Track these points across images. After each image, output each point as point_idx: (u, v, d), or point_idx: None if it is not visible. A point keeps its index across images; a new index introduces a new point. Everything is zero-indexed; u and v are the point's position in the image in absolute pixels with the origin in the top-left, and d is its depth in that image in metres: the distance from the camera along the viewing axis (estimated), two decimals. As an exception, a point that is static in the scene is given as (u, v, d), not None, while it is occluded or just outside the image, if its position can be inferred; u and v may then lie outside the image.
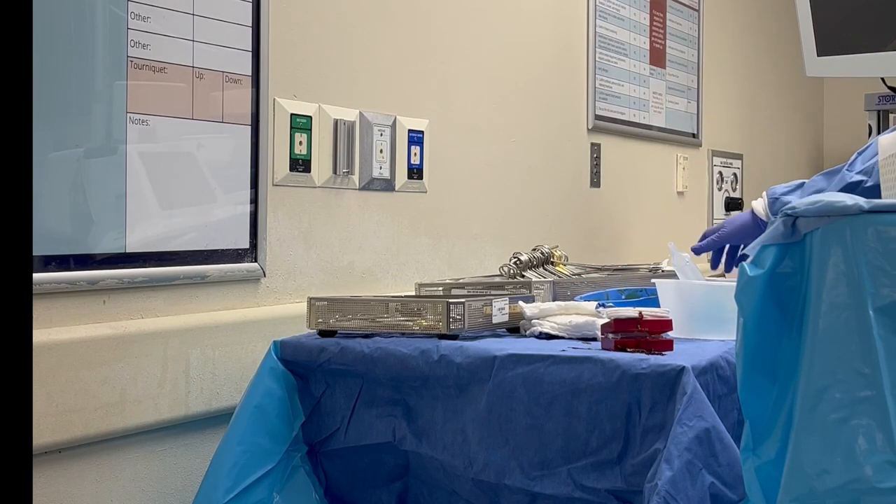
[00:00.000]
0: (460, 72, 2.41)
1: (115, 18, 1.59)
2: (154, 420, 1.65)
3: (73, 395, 1.52)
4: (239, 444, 1.62)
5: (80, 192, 1.55)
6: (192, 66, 1.72)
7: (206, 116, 1.75)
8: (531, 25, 2.69)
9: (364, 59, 2.12)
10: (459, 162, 2.41)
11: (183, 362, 1.69)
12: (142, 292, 1.66)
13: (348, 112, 2.06)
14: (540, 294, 1.91)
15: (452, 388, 1.56)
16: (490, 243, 2.50)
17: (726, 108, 3.84)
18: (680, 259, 1.83)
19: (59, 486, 1.54)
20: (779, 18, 4.21)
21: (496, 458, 1.51)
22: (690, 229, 3.63)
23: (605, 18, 3.03)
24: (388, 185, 2.17)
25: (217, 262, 1.77)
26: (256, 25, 1.84)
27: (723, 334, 1.60)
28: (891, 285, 0.92)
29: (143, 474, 1.67)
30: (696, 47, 3.64)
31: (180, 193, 1.71)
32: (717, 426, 1.37)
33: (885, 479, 0.89)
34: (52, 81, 1.51)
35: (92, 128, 1.57)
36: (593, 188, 3.00)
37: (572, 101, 2.90)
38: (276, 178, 1.90)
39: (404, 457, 1.66)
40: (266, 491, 1.62)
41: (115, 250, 1.60)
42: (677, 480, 1.32)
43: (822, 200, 0.97)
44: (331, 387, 1.67)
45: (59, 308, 1.54)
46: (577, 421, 1.45)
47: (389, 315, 1.71)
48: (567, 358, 1.48)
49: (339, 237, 2.05)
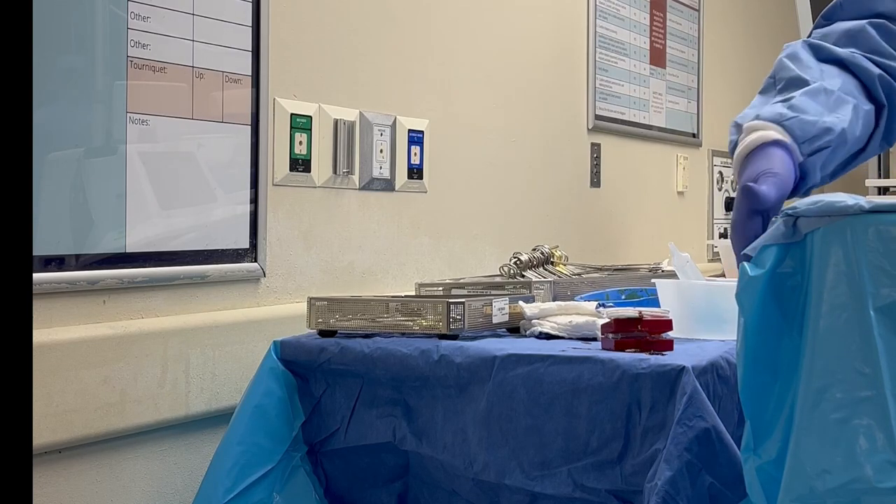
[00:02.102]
0: (460, 72, 2.41)
1: (115, 18, 1.59)
2: (154, 420, 1.65)
3: (73, 395, 1.52)
4: (239, 444, 1.62)
5: (80, 192, 1.55)
6: (192, 66, 1.72)
7: (206, 116, 1.75)
8: (531, 25, 2.69)
9: (364, 59, 2.12)
10: (459, 162, 2.41)
11: (183, 362, 1.69)
12: (142, 292, 1.66)
13: (348, 112, 2.06)
14: (540, 294, 1.91)
15: (452, 388, 1.56)
16: (490, 243, 2.50)
17: (726, 108, 3.84)
18: (680, 259, 1.82)
19: (59, 486, 1.54)
20: (779, 18, 4.21)
21: (496, 458, 1.51)
22: (690, 229, 3.63)
23: (605, 18, 3.03)
24: (388, 185, 2.17)
25: (217, 262, 1.77)
26: (256, 25, 1.84)
27: (723, 334, 1.60)
28: (891, 285, 0.92)
29: (143, 474, 1.67)
30: (696, 47, 3.64)
31: (180, 193, 1.71)
32: (717, 426, 1.37)
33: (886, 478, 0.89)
34: (53, 81, 1.51)
35: (92, 128, 1.57)
36: (593, 188, 3.00)
37: (572, 101, 2.90)
38: (276, 177, 1.90)
39: (404, 457, 1.66)
40: (266, 491, 1.62)
41: (115, 250, 1.60)
42: (677, 480, 1.32)
43: (823, 200, 0.97)
44: (331, 387, 1.67)
45: (59, 308, 1.54)
46: (577, 421, 1.45)
47: (389, 315, 1.71)
48: (567, 358, 1.48)
49: (339, 237, 2.05)
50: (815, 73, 1.28)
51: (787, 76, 1.29)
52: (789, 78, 1.28)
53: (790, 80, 1.28)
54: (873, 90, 1.31)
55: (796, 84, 1.27)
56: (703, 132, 3.67)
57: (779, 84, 1.30)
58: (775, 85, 1.29)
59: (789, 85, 1.28)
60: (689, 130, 3.58)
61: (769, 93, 1.30)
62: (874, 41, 1.33)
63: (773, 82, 1.31)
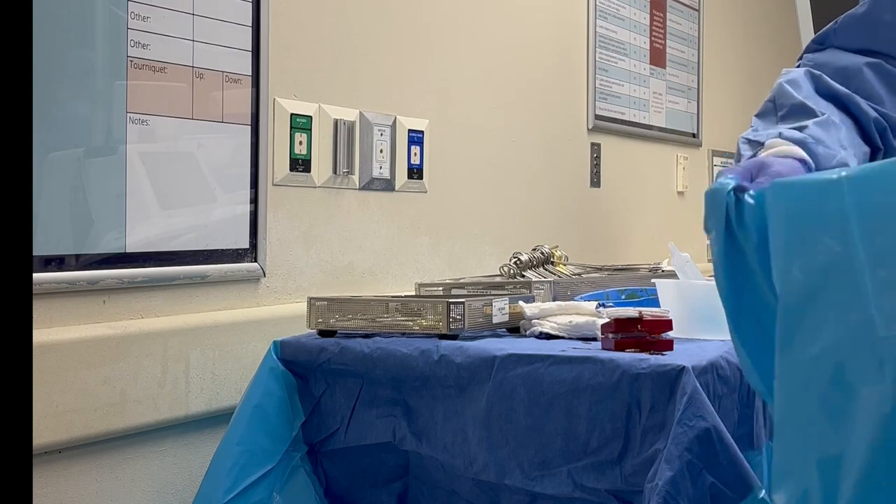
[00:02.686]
0: (460, 72, 2.41)
1: (115, 18, 1.59)
2: (154, 420, 1.65)
3: (73, 395, 1.52)
4: (239, 444, 1.62)
5: (80, 192, 1.55)
6: (192, 66, 1.72)
7: (206, 116, 1.75)
8: (531, 25, 2.69)
9: (364, 59, 2.12)
10: (459, 162, 2.41)
11: (183, 362, 1.69)
12: (142, 292, 1.66)
13: (348, 112, 2.06)
14: (540, 294, 1.91)
15: (452, 388, 1.56)
16: (490, 243, 2.50)
17: (726, 108, 3.84)
18: (680, 259, 1.82)
19: (59, 486, 1.54)
20: (779, 18, 4.21)
21: (496, 458, 1.51)
22: (690, 229, 3.63)
23: (605, 18, 3.03)
24: (388, 185, 2.17)
25: (217, 262, 1.77)
26: (256, 25, 1.84)
27: (723, 334, 1.59)
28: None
29: (143, 474, 1.67)
30: (696, 47, 3.64)
31: (180, 193, 1.71)
32: (717, 426, 1.37)
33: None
34: (53, 81, 1.51)
35: (92, 128, 1.57)
36: (593, 188, 3.00)
37: (572, 101, 2.90)
38: (276, 177, 1.90)
39: (404, 457, 1.66)
40: (266, 491, 1.62)
41: (115, 250, 1.60)
42: (678, 480, 1.32)
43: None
44: (331, 387, 1.67)
45: (59, 308, 1.54)
46: (577, 421, 1.45)
47: (389, 315, 1.71)
48: (567, 358, 1.48)
49: (339, 237, 2.05)
50: (820, 105, 1.27)
51: (789, 103, 1.26)
52: (792, 104, 1.26)
53: (794, 106, 1.26)
54: (869, 133, 1.28)
55: (802, 112, 1.24)
56: (703, 132, 3.67)
57: (780, 110, 1.27)
58: (776, 110, 1.27)
59: (794, 112, 1.25)
60: (689, 130, 3.58)
61: (769, 117, 1.28)
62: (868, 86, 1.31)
63: (773, 107, 1.28)
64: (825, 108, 1.26)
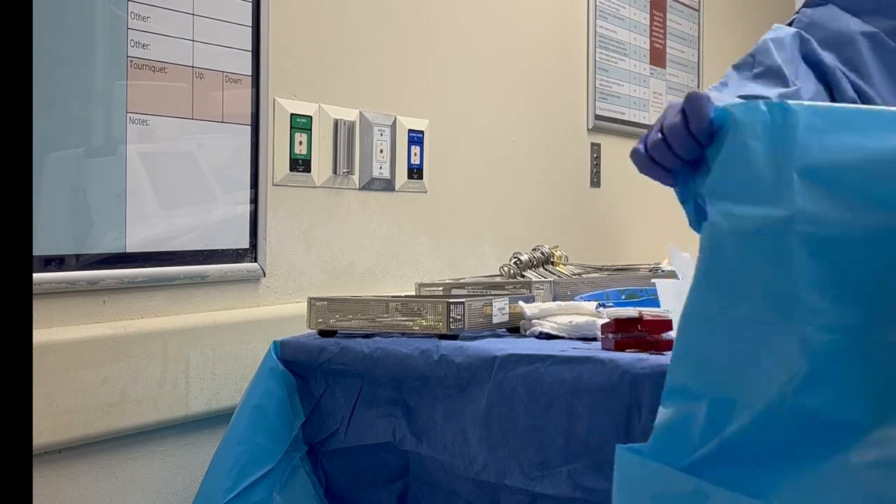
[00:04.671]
0: (460, 72, 2.41)
1: (115, 18, 1.59)
2: (154, 420, 1.65)
3: (73, 395, 1.52)
4: (239, 444, 1.62)
5: (80, 192, 1.55)
6: (192, 66, 1.72)
7: (206, 116, 1.75)
8: (531, 25, 2.69)
9: (364, 59, 2.12)
10: (459, 162, 2.41)
11: (183, 362, 1.69)
12: (141, 292, 1.66)
13: (348, 112, 2.06)
14: (540, 294, 1.91)
15: (452, 388, 1.56)
16: (490, 243, 2.50)
17: (726, 108, 3.83)
18: (680, 259, 1.82)
19: (59, 486, 1.54)
20: (779, 19, 4.21)
21: (496, 458, 1.51)
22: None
23: (605, 18, 3.03)
24: (388, 185, 2.17)
25: (217, 262, 1.77)
26: (256, 25, 1.84)
27: (723, 334, 1.60)
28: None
29: (143, 474, 1.67)
30: (696, 47, 3.64)
31: (180, 193, 1.71)
32: (717, 426, 1.37)
33: None
34: (53, 81, 1.51)
35: (92, 128, 1.57)
36: (593, 188, 3.00)
37: (572, 101, 2.90)
38: (276, 177, 1.90)
39: (404, 457, 1.66)
40: (266, 491, 1.62)
41: (115, 250, 1.60)
42: (677, 480, 1.32)
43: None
44: (331, 387, 1.67)
45: (59, 308, 1.54)
46: (577, 421, 1.45)
47: (389, 315, 1.71)
48: (567, 358, 1.48)
49: (339, 237, 2.05)
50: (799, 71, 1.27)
51: (767, 62, 1.27)
52: (769, 66, 1.27)
53: (770, 68, 1.27)
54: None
55: (777, 76, 1.26)
56: (703, 132, 3.67)
57: (757, 67, 1.28)
58: (752, 66, 1.28)
59: (768, 74, 1.26)
60: (689, 130, 3.57)
61: (744, 71, 1.29)
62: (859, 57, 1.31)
63: (751, 62, 1.29)
64: (803, 75, 1.27)
